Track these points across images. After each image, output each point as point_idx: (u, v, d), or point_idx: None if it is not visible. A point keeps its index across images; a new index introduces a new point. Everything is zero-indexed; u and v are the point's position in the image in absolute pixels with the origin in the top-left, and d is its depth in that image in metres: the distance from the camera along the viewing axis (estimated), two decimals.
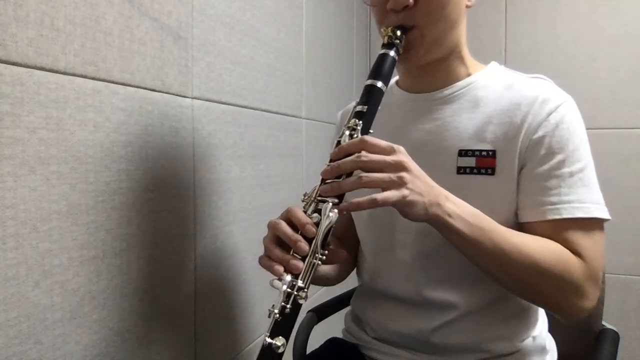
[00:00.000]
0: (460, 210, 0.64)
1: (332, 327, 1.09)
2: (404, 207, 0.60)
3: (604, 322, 0.96)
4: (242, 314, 1.07)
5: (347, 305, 1.09)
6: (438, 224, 0.63)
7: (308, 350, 0.97)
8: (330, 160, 0.63)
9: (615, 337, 0.91)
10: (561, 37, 1.82)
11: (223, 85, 0.96)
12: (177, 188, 0.83)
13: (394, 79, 0.87)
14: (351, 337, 0.89)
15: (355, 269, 0.94)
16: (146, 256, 0.77)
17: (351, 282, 0.95)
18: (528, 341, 0.78)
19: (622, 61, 1.75)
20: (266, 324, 0.61)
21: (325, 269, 0.80)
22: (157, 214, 0.78)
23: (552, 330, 0.86)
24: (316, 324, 1.04)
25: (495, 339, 0.75)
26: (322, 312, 1.07)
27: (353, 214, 0.86)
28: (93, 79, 0.65)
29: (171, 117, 0.82)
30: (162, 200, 0.80)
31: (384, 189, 0.59)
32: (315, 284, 0.84)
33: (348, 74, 1.78)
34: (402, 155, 0.61)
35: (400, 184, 0.59)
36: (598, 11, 1.77)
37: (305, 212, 0.63)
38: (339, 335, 0.94)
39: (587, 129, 0.74)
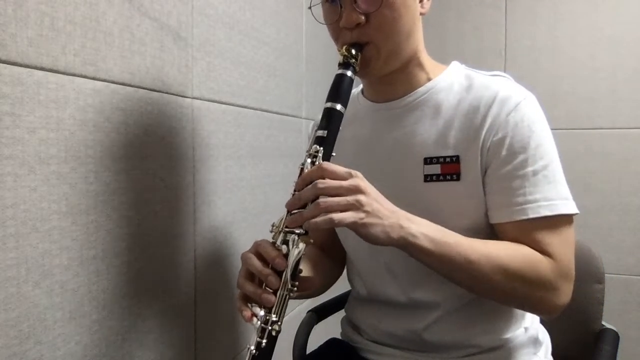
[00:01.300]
0: (424, 229, 0.64)
1: (332, 327, 1.09)
2: (360, 229, 0.60)
3: (604, 322, 0.96)
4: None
5: (344, 307, 1.09)
6: (404, 246, 0.63)
7: (308, 350, 0.97)
8: (295, 190, 0.65)
9: (615, 337, 0.91)
10: (561, 37, 1.82)
11: (223, 85, 0.96)
12: (177, 188, 0.83)
13: (359, 87, 0.87)
14: (348, 341, 0.91)
15: (346, 276, 0.95)
16: (146, 256, 0.77)
17: (347, 284, 0.95)
18: (519, 332, 0.78)
19: (622, 61, 1.75)
20: None
21: (306, 285, 0.80)
22: (157, 214, 0.78)
23: (551, 330, 0.86)
24: (316, 324, 1.04)
25: (483, 333, 0.76)
26: (321, 312, 1.07)
27: (336, 228, 0.87)
28: (93, 79, 0.65)
29: (171, 117, 0.82)
30: (162, 201, 0.80)
31: (341, 212, 0.60)
32: (302, 298, 0.85)
33: None
34: (359, 179, 0.62)
35: (357, 206, 0.60)
36: (598, 11, 1.77)
37: (274, 242, 0.64)
38: (339, 335, 0.94)
39: (587, 129, 0.74)
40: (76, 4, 0.62)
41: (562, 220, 0.69)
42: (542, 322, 0.85)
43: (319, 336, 0.99)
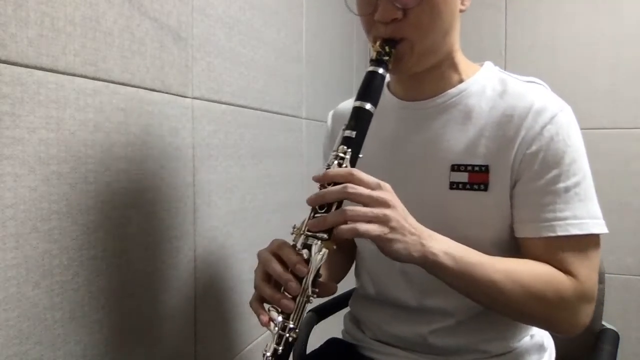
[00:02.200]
0: (446, 246, 0.62)
1: (332, 327, 1.09)
2: (383, 244, 0.59)
3: (604, 322, 0.96)
4: (242, 314, 1.07)
5: (346, 306, 1.09)
6: (425, 264, 0.62)
7: (308, 350, 0.97)
8: (319, 184, 0.63)
9: (615, 337, 0.91)
10: (561, 37, 1.82)
11: (223, 85, 0.96)
12: (177, 188, 0.83)
13: (385, 81, 0.85)
14: (350, 338, 0.90)
15: (354, 271, 0.94)
16: (146, 256, 0.77)
17: (351, 282, 0.95)
18: (525, 339, 0.78)
19: (622, 61, 1.75)
20: None
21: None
22: (157, 214, 0.78)
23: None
24: (316, 324, 1.04)
25: (492, 340, 0.76)
26: (322, 312, 1.07)
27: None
28: (93, 79, 0.65)
29: (171, 117, 0.82)
30: (162, 200, 0.80)
31: (367, 223, 0.58)
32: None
33: (348, 74, 1.78)
34: (388, 193, 0.60)
35: (383, 220, 0.58)
36: (598, 11, 1.77)
37: (294, 244, 0.62)
38: (339, 335, 0.94)
39: (587, 129, 0.72)
40: (76, 4, 0.62)
41: (590, 241, 0.67)
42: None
43: (319, 336, 0.99)
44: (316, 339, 0.98)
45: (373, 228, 0.58)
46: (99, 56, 0.66)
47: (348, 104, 0.89)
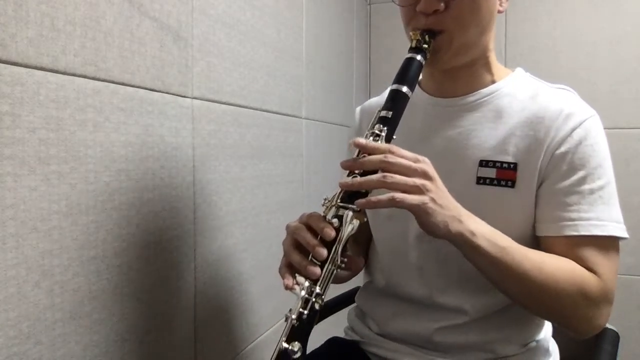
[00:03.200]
0: (484, 229, 0.63)
1: (332, 327, 1.09)
2: (422, 215, 0.59)
3: None
4: (242, 314, 1.07)
5: (347, 305, 1.09)
6: (461, 242, 0.61)
7: (308, 350, 0.97)
8: (356, 157, 0.62)
9: (615, 337, 0.91)
10: (561, 37, 1.82)
11: (223, 85, 0.96)
12: (177, 188, 0.83)
13: None
14: (353, 334, 0.90)
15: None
16: (146, 256, 0.77)
17: (352, 281, 0.95)
18: (532, 344, 0.78)
19: (622, 61, 1.75)
20: (266, 323, 0.61)
21: (344, 273, 0.80)
22: (157, 214, 0.78)
23: (553, 330, 0.86)
24: (316, 324, 1.04)
25: (500, 341, 0.76)
26: (322, 311, 1.06)
27: (370, 215, 0.85)
28: (93, 79, 0.65)
29: (171, 117, 0.82)
30: (162, 200, 0.80)
31: (405, 193, 0.58)
32: (335, 282, 0.84)
33: (348, 74, 1.78)
34: (427, 165, 0.61)
35: (422, 190, 0.58)
36: (598, 11, 1.77)
37: (324, 216, 0.62)
38: (339, 334, 0.94)
39: None
40: (76, 4, 0.62)
41: (611, 243, 0.69)
42: (552, 335, 0.85)
43: (319, 336, 0.99)
44: (316, 339, 0.98)
45: (411, 197, 0.57)
46: (99, 56, 0.66)
47: (375, 101, 0.90)
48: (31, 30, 0.56)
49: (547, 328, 0.82)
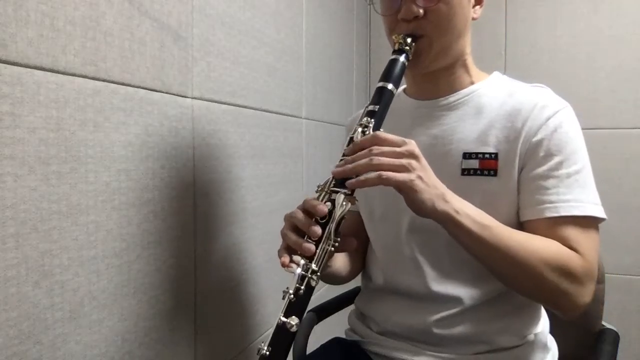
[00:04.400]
0: (468, 209, 0.66)
1: (332, 328, 1.09)
2: (409, 192, 0.62)
3: (604, 322, 0.96)
4: (242, 313, 1.07)
5: (347, 305, 1.09)
6: (446, 220, 0.65)
7: (308, 350, 0.97)
8: (343, 155, 0.67)
9: (615, 337, 0.91)
10: (561, 37, 1.82)
11: (223, 85, 0.96)
12: (177, 188, 0.83)
13: (402, 87, 0.90)
14: (354, 335, 0.91)
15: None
16: (146, 256, 0.77)
17: (352, 282, 0.96)
18: (530, 337, 0.79)
19: (622, 61, 1.75)
20: (267, 324, 0.61)
21: (338, 264, 0.84)
22: (157, 214, 0.78)
23: (552, 330, 0.86)
24: (316, 324, 1.04)
25: (497, 332, 0.77)
26: (322, 312, 1.07)
27: (365, 217, 0.90)
28: (93, 79, 0.65)
29: (171, 117, 0.82)
30: (162, 200, 0.80)
31: (393, 172, 0.62)
32: (328, 281, 0.88)
33: (348, 74, 1.78)
34: (412, 146, 0.64)
35: (409, 169, 0.62)
36: (598, 11, 1.77)
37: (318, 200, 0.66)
38: (339, 335, 0.94)
39: (587, 129, 0.77)
40: (76, 4, 0.62)
41: (590, 223, 0.71)
42: (550, 331, 0.86)
43: (319, 336, 0.99)
44: (317, 339, 0.98)
45: (398, 175, 0.62)
46: (99, 56, 0.66)
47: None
48: (31, 30, 0.56)
49: (545, 322, 0.84)
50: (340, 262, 0.85)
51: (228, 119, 0.98)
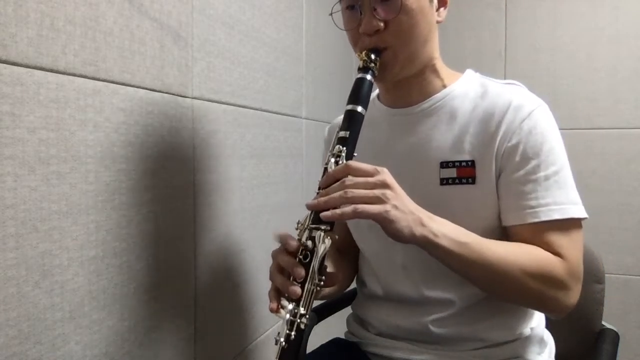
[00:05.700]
0: (445, 228, 0.66)
1: (332, 328, 1.09)
2: (385, 223, 0.62)
3: (604, 322, 0.96)
4: (242, 313, 1.07)
5: (347, 306, 1.09)
6: (425, 244, 0.65)
7: (308, 350, 0.97)
8: (319, 188, 0.67)
9: (615, 337, 0.91)
10: (561, 37, 1.82)
11: (223, 85, 0.96)
12: (177, 188, 0.83)
13: (375, 92, 0.89)
14: (353, 337, 0.91)
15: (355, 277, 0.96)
16: (146, 256, 0.77)
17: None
18: (526, 331, 0.80)
19: (622, 61, 1.75)
20: (266, 324, 0.61)
21: (327, 290, 0.83)
22: (157, 214, 0.78)
23: (552, 330, 0.86)
24: (316, 324, 1.04)
25: (492, 329, 0.78)
26: (322, 312, 1.07)
27: (352, 228, 0.90)
28: (93, 79, 0.65)
29: (171, 117, 0.82)
30: (162, 200, 0.80)
31: (367, 204, 0.62)
32: (320, 299, 0.87)
33: (348, 74, 1.78)
34: (385, 175, 0.64)
35: (383, 200, 0.62)
36: (598, 11, 1.77)
37: (299, 239, 0.66)
38: (339, 335, 0.94)
39: (587, 129, 0.75)
40: (76, 4, 0.62)
41: (572, 224, 0.71)
42: (546, 325, 0.86)
43: (319, 336, 0.99)
44: (316, 339, 0.98)
45: (373, 207, 0.61)
46: (99, 56, 0.66)
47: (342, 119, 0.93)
48: (31, 30, 0.56)
49: (540, 317, 0.84)
50: (329, 288, 0.84)
51: (228, 119, 0.98)
